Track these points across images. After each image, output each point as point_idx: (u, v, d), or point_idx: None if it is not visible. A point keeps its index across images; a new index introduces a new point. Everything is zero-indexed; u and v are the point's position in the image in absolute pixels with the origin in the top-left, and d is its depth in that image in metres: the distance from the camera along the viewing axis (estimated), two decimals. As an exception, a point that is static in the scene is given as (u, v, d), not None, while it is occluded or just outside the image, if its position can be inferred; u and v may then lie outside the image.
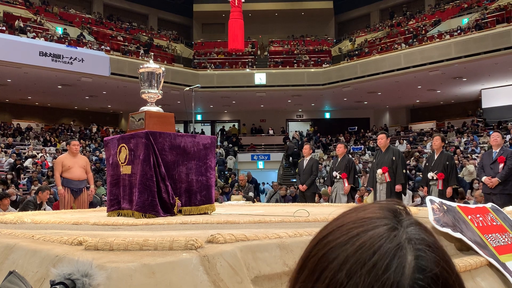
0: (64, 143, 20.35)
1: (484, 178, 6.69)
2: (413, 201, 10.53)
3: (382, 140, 7.48)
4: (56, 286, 1.12)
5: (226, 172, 21.17)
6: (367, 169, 12.74)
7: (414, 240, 0.52)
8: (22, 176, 15.31)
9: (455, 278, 0.52)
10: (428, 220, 2.92)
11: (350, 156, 9.96)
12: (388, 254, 0.50)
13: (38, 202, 7.67)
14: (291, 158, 22.91)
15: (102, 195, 12.00)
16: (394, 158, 7.24)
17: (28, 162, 16.48)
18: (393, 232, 0.52)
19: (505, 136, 15.61)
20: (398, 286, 0.48)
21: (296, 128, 27.65)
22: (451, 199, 6.58)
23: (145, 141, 3.88)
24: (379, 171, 7.29)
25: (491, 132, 8.34)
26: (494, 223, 3.16)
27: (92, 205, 8.34)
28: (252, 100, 23.98)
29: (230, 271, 1.82)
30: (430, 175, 7.11)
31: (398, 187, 7.16)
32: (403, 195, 7.40)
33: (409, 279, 0.49)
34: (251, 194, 10.52)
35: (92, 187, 7.41)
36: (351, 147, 22.17)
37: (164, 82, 4.69)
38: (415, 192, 11.25)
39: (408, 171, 9.37)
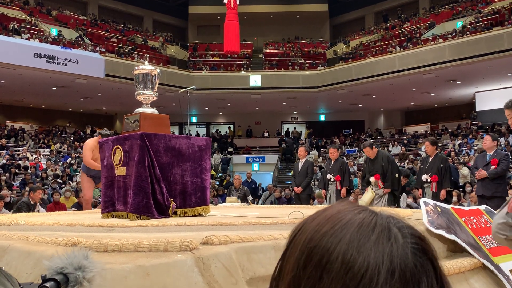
0: (58, 144, 20.26)
1: (477, 171, 6.66)
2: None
3: (368, 153, 7.59)
4: (46, 284, 0.99)
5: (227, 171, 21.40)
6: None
7: (392, 220, 0.57)
8: (16, 177, 15.22)
9: (434, 251, 0.57)
10: (422, 222, 2.93)
11: (344, 158, 9.97)
12: (384, 226, 0.55)
13: (32, 203, 7.62)
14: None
15: (97, 196, 11.93)
16: (383, 164, 7.36)
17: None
18: (375, 214, 0.57)
19: (498, 139, 15.67)
20: (401, 253, 0.53)
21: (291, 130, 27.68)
22: (445, 201, 6.60)
23: (140, 142, 3.87)
24: (372, 178, 7.41)
25: (485, 135, 8.34)
26: (488, 225, 3.17)
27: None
28: (247, 102, 23.98)
29: (225, 273, 1.82)
30: (424, 177, 7.15)
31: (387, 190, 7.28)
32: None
33: (405, 244, 0.54)
34: (250, 198, 10.43)
35: None
36: (346, 149, 22.20)
37: (159, 84, 4.69)
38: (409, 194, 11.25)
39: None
